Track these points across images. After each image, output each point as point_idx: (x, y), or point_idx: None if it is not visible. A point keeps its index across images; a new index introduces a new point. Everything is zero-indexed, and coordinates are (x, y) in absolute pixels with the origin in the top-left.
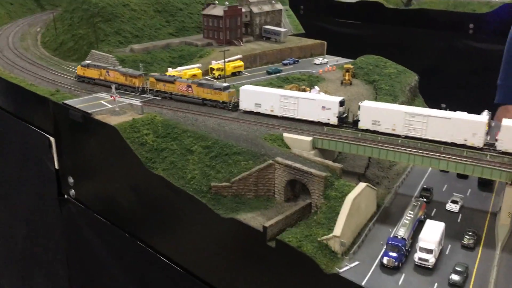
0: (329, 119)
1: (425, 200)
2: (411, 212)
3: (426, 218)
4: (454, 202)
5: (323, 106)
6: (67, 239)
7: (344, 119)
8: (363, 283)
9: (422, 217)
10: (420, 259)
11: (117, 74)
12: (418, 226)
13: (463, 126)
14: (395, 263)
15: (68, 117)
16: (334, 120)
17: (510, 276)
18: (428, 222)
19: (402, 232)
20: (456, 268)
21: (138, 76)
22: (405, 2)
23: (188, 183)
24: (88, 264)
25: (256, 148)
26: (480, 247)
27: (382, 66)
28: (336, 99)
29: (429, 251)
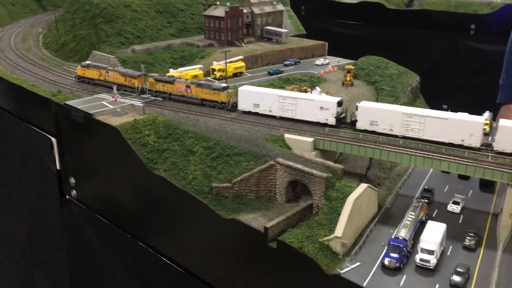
0: (327, 120)
1: (426, 201)
2: (413, 213)
3: (427, 219)
4: (456, 203)
5: (321, 107)
6: (68, 240)
7: (342, 120)
8: (364, 284)
9: (424, 218)
10: (421, 260)
11: (116, 74)
12: (419, 227)
13: (460, 126)
14: (397, 264)
15: (69, 117)
16: (332, 121)
17: None
18: (430, 223)
19: (404, 233)
20: (457, 269)
21: (137, 76)
22: (406, 3)
23: (190, 184)
24: (89, 264)
25: (258, 149)
26: (482, 248)
27: (383, 67)
28: (334, 99)
29: (430, 252)
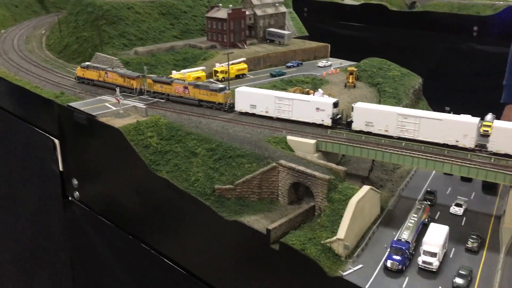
0: (323, 121)
1: (429, 203)
2: (415, 215)
3: (430, 221)
4: (458, 205)
5: (317, 108)
6: (71, 241)
7: (338, 121)
8: (366, 286)
9: (426, 220)
10: (424, 262)
11: (115, 75)
12: (422, 229)
13: (454, 127)
14: (399, 266)
15: (72, 119)
16: (328, 122)
17: None
18: (432, 225)
19: (406, 235)
20: (460, 271)
21: (136, 77)
22: (408, 5)
23: (192, 186)
24: (91, 265)
25: (260, 151)
26: (484, 251)
27: (386, 68)
28: (330, 100)
29: (433, 254)
